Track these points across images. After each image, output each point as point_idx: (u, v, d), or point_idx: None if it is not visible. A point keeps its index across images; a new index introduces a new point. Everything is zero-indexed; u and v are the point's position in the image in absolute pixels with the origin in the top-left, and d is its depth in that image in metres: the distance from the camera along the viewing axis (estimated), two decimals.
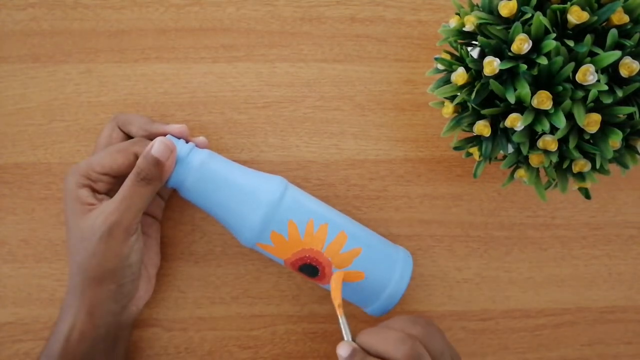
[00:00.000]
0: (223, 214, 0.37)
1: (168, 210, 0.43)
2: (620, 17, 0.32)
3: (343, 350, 0.33)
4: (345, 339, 0.35)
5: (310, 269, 0.38)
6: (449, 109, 0.37)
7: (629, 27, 0.32)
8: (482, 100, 0.34)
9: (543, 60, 0.32)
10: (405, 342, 0.33)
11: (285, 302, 0.44)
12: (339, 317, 0.36)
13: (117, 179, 0.38)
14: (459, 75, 0.35)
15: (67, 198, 0.36)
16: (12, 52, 0.43)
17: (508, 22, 0.34)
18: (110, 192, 0.38)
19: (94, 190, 0.37)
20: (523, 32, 0.32)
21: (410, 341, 0.33)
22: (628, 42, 0.32)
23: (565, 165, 0.35)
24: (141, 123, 0.39)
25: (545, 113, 0.33)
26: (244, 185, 0.37)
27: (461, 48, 0.36)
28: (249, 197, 0.37)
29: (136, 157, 0.37)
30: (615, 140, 0.33)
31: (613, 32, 0.32)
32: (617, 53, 0.31)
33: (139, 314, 0.42)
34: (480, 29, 0.35)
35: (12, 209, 0.43)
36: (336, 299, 0.36)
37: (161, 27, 0.44)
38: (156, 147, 0.35)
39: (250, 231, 0.37)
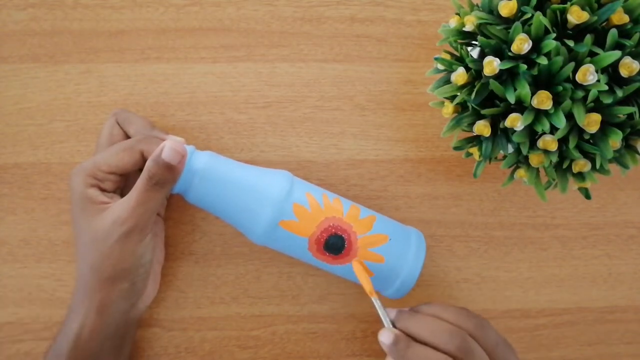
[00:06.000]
0: (233, 211, 0.37)
1: (168, 209, 0.43)
2: (620, 17, 0.32)
3: (385, 337, 0.33)
4: (385, 325, 0.35)
5: (337, 240, 0.37)
6: (449, 109, 0.37)
7: (629, 27, 0.32)
8: (482, 100, 0.35)
9: (543, 60, 0.32)
10: (456, 336, 0.33)
11: (285, 302, 0.44)
12: (375, 303, 0.35)
13: (123, 177, 0.38)
14: (459, 75, 0.35)
15: (75, 198, 0.36)
16: (12, 52, 0.43)
17: (508, 22, 0.34)
18: (117, 190, 0.38)
19: (102, 190, 0.36)
20: (523, 32, 0.32)
21: (462, 334, 0.33)
22: (628, 42, 0.32)
23: (565, 165, 0.35)
24: (140, 127, 0.38)
25: (545, 113, 0.33)
26: (254, 176, 0.37)
27: (461, 48, 0.36)
28: (261, 184, 0.37)
29: (142, 155, 0.36)
30: (615, 140, 0.33)
31: (613, 32, 0.32)
32: (617, 53, 0.31)
33: (146, 311, 0.42)
34: (480, 29, 0.35)
35: (12, 209, 0.43)
36: (366, 284, 0.36)
37: (161, 27, 0.44)
38: (166, 152, 0.35)
39: (273, 208, 0.36)
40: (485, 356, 0.33)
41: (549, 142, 0.34)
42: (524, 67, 0.32)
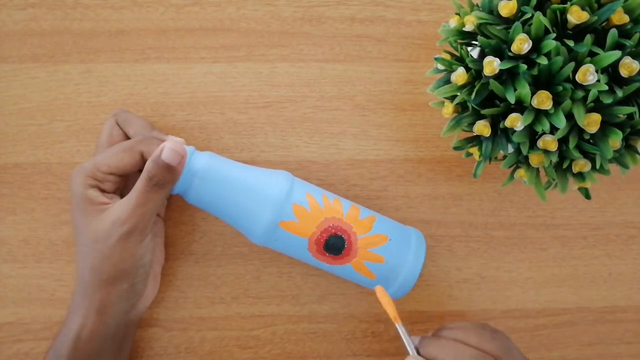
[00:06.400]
0: (233, 212, 0.37)
1: (168, 209, 0.43)
2: (620, 17, 0.32)
3: None
4: (410, 352, 0.34)
5: (337, 240, 0.37)
6: (449, 109, 0.37)
7: (629, 27, 0.32)
8: (482, 100, 0.34)
9: (543, 60, 0.32)
10: (479, 359, 0.32)
11: (285, 302, 0.44)
12: (399, 329, 0.35)
13: (123, 178, 0.38)
14: (459, 75, 0.35)
15: (75, 199, 0.36)
16: (12, 52, 0.43)
17: (508, 22, 0.34)
18: (117, 191, 0.38)
19: (102, 190, 0.36)
20: (523, 32, 0.32)
21: (486, 359, 0.32)
22: (628, 42, 0.32)
23: (565, 165, 0.35)
24: (140, 127, 0.38)
25: (545, 113, 0.33)
26: (253, 177, 0.37)
27: (461, 48, 0.36)
28: (261, 184, 0.37)
29: (142, 155, 0.36)
30: (615, 140, 0.33)
31: (613, 32, 0.32)
32: (617, 53, 0.31)
33: (146, 312, 0.42)
34: (480, 29, 0.35)
35: (12, 209, 0.43)
36: (391, 312, 0.35)
37: (161, 27, 0.44)
38: (166, 153, 0.35)
39: (272, 208, 0.36)
40: None
41: (549, 142, 0.34)
42: (524, 67, 0.32)
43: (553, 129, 0.34)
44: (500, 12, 0.34)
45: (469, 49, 0.38)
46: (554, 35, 0.32)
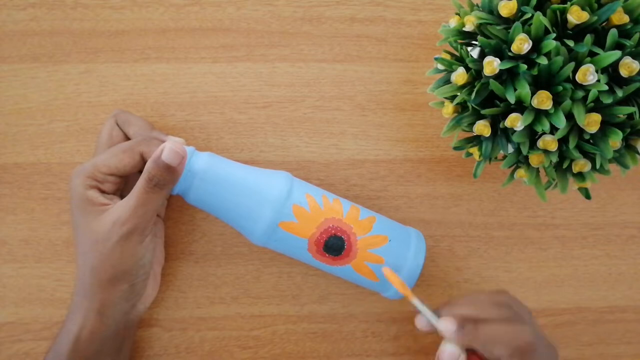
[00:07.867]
0: (233, 212, 0.37)
1: (168, 209, 0.43)
2: (620, 17, 0.32)
3: (448, 324, 0.32)
4: (433, 320, 0.33)
5: (337, 241, 0.38)
6: (449, 109, 0.37)
7: (629, 27, 0.32)
8: (482, 100, 0.35)
9: (543, 60, 0.32)
10: (502, 302, 0.34)
11: (285, 302, 0.44)
12: (415, 302, 0.34)
13: (123, 179, 0.38)
14: (459, 75, 0.35)
15: (75, 200, 0.36)
16: (12, 52, 0.43)
17: (508, 22, 0.34)
18: (117, 192, 0.38)
19: (102, 191, 0.36)
20: (523, 32, 0.32)
21: (505, 300, 0.35)
22: (628, 42, 0.32)
23: (565, 165, 0.35)
24: (140, 128, 0.38)
25: (545, 113, 0.33)
26: (253, 177, 0.37)
27: (461, 48, 0.36)
28: (261, 185, 0.37)
29: (142, 156, 0.36)
30: (615, 140, 0.33)
31: (613, 32, 0.32)
32: (617, 53, 0.31)
33: (146, 312, 0.42)
34: (480, 29, 0.35)
35: (12, 209, 0.43)
36: (404, 288, 0.34)
37: (161, 27, 0.44)
38: (166, 154, 0.35)
39: (272, 209, 0.36)
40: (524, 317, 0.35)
41: (549, 142, 0.34)
42: (524, 67, 0.32)
43: (553, 129, 0.34)
44: (500, 12, 0.34)
45: (469, 49, 0.38)
46: (554, 35, 0.32)
